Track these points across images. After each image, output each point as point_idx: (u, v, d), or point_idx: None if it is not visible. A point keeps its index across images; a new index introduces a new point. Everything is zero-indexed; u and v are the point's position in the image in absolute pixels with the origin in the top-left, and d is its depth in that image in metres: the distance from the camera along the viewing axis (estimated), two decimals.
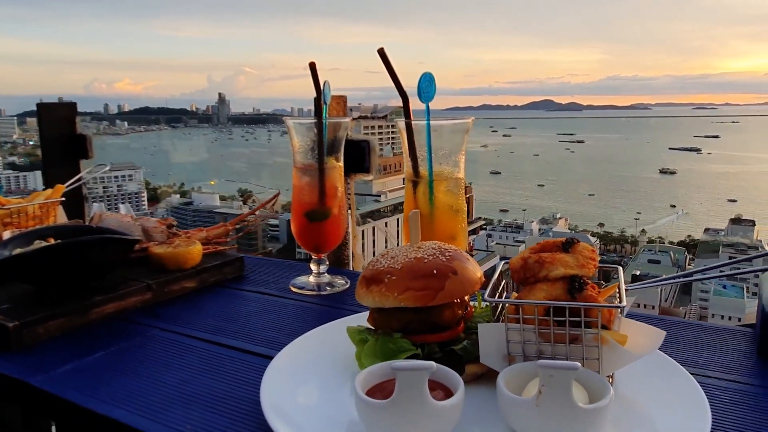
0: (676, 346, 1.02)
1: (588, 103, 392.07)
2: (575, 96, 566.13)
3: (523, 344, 0.79)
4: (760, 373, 0.92)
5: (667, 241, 66.01)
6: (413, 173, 1.17)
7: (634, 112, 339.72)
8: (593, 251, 0.85)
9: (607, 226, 74.84)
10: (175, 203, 78.88)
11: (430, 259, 0.87)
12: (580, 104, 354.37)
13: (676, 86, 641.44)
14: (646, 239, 68.87)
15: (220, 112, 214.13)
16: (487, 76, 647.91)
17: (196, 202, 76.34)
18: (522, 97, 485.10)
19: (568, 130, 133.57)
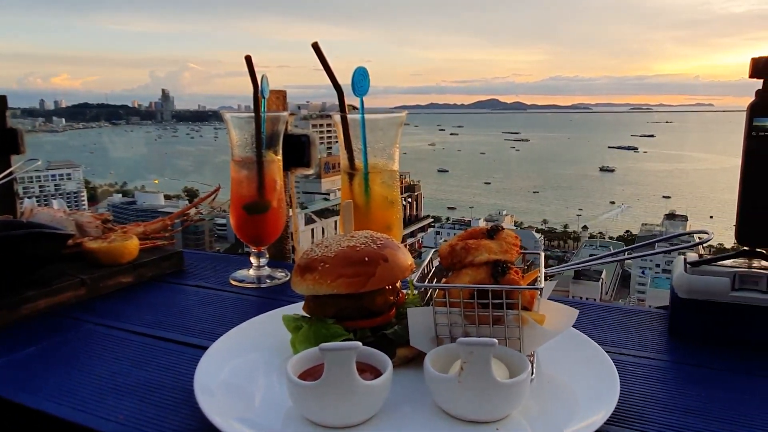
0: (600, 328, 1.09)
1: (532, 102, 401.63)
2: (520, 95, 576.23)
3: (450, 327, 0.83)
4: (670, 349, 0.99)
5: (607, 236, 68.45)
6: (349, 166, 1.19)
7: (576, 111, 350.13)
8: (516, 238, 0.89)
9: (550, 222, 77.01)
10: (116, 202, 76.27)
11: (362, 247, 0.90)
12: (524, 103, 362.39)
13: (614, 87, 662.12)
14: (587, 235, 71.23)
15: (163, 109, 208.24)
16: (435, 75, 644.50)
17: (139, 201, 74.04)
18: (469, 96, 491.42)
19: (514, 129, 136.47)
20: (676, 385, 0.87)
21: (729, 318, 0.98)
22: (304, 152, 1.63)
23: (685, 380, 0.89)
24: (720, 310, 0.98)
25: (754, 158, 0.96)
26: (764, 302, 0.95)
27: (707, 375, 0.90)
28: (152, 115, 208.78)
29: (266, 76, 1.38)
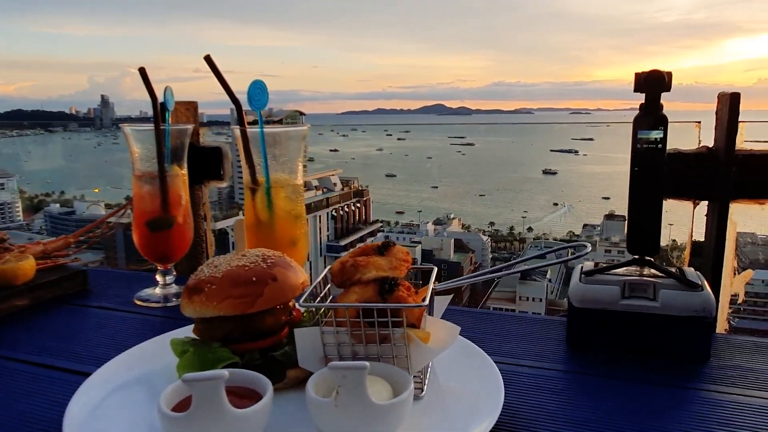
0: (501, 338, 1.10)
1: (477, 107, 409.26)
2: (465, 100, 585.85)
3: (338, 346, 0.81)
4: (566, 359, 1.01)
5: (551, 237, 70.33)
6: (251, 180, 1.16)
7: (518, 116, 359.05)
8: (407, 254, 0.89)
9: (497, 224, 78.50)
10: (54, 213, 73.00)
11: (251, 267, 0.87)
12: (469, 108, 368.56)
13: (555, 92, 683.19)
14: (532, 236, 72.97)
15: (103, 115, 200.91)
16: (382, 81, 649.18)
17: (78, 211, 71.11)
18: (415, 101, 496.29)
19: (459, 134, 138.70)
20: (569, 396, 0.89)
21: (620, 326, 1.00)
22: (217, 165, 1.59)
23: (578, 390, 0.91)
24: (612, 318, 1.00)
25: (639, 170, 0.99)
26: (652, 309, 0.98)
27: (600, 384, 0.92)
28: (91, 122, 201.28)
29: (170, 87, 1.34)
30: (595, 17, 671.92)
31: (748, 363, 0.97)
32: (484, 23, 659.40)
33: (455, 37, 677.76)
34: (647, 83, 0.96)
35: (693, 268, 1.08)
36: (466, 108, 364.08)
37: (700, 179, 1.13)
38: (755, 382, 0.90)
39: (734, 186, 1.10)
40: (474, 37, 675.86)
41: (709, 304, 0.95)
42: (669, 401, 0.86)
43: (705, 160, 1.12)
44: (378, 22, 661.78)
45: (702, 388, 0.89)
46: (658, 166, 0.98)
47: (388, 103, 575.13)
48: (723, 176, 1.09)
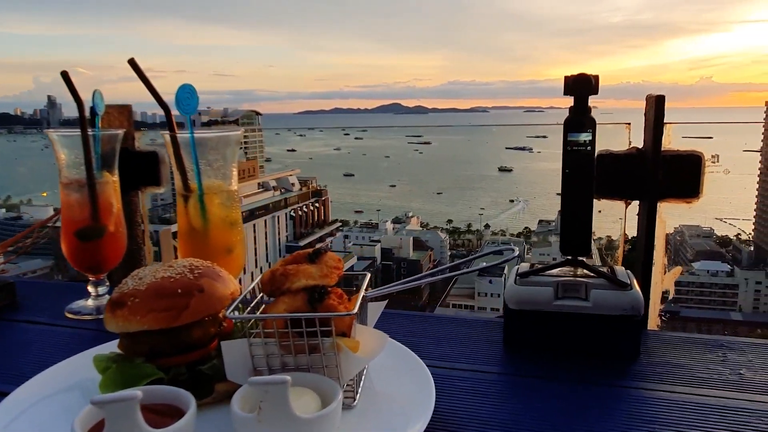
0: (438, 341, 1.09)
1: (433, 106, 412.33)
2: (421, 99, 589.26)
3: (267, 358, 0.79)
4: (502, 361, 1.02)
5: (508, 233, 71.50)
6: (183, 187, 1.13)
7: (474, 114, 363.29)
8: (339, 261, 0.88)
9: (455, 222, 79.36)
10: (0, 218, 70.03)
11: (177, 278, 0.85)
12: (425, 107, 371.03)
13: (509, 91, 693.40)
14: (489, 232, 74.05)
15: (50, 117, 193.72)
16: (338, 80, 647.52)
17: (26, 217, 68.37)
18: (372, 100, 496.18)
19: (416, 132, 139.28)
20: (501, 398, 0.89)
21: (554, 326, 1.01)
22: (154, 170, 1.54)
23: (511, 392, 0.91)
24: (546, 319, 1.01)
25: (570, 172, 1.00)
26: (584, 309, 0.99)
27: (533, 385, 0.93)
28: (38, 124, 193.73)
29: (99, 91, 1.29)
30: (545, 17, 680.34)
31: (676, 359, 0.99)
32: (437, 22, 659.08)
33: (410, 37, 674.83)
34: (575, 86, 0.98)
35: (624, 267, 1.10)
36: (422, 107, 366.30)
37: (630, 179, 1.16)
38: (682, 378, 0.93)
39: (662, 186, 1.13)
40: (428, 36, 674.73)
41: (637, 303, 0.97)
42: (598, 400, 0.87)
43: (634, 160, 1.15)
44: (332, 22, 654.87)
45: (631, 385, 0.91)
46: (587, 167, 1.00)
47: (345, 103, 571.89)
48: (650, 177, 1.12)
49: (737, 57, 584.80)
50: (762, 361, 0.97)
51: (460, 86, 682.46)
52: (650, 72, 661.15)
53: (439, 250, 62.98)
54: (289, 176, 59.85)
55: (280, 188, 56.43)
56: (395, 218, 73.54)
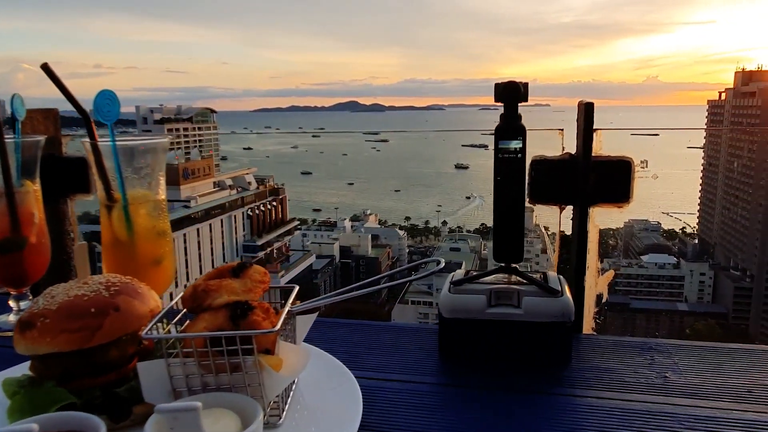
0: (371, 351, 1.08)
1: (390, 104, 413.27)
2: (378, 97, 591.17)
3: (186, 378, 0.76)
4: (437, 371, 1.01)
5: (465, 229, 72.33)
6: (106, 197, 1.08)
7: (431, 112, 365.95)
8: (265, 274, 0.85)
9: (413, 219, 79.81)
10: None
11: (91, 296, 0.80)
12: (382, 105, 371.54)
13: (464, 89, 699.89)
14: (447, 229, 74.76)
15: None
16: (295, 78, 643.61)
17: None
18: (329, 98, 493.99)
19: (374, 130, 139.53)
20: (433, 410, 0.88)
21: (488, 334, 1.01)
22: (83, 177, 1.47)
23: (443, 403, 0.91)
24: (479, 327, 1.01)
25: (501, 179, 1.00)
26: (516, 317, 0.99)
27: (465, 395, 0.92)
28: None
29: (19, 95, 1.22)
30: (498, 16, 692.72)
31: (606, 363, 1.00)
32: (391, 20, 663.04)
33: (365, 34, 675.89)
34: (505, 94, 0.97)
35: (556, 273, 1.11)
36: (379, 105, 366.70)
37: (563, 185, 1.17)
38: (610, 383, 0.94)
39: (593, 191, 1.15)
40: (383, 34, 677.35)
41: (567, 310, 0.98)
42: (528, 408, 0.87)
43: (567, 166, 1.16)
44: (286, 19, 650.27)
45: (561, 392, 0.92)
46: (518, 175, 1.00)
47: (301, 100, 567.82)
48: (582, 182, 1.13)
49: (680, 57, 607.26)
50: (686, 363, 0.99)
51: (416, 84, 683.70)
52: (599, 71, 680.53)
53: (398, 246, 63.25)
54: (245, 175, 58.97)
55: (237, 187, 55.57)
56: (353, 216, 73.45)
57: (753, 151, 41.45)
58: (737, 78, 47.59)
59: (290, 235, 61.20)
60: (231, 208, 52.48)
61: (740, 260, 42.85)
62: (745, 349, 1.04)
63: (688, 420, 0.82)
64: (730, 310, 40.38)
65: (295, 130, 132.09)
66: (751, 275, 41.27)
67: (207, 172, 53.05)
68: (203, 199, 49.86)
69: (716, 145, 48.21)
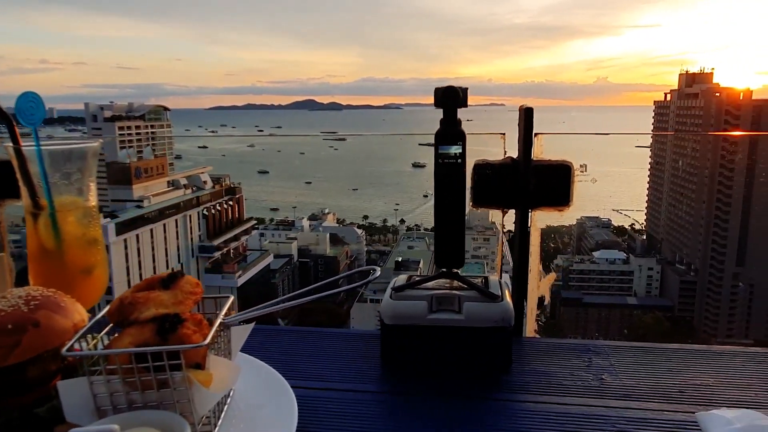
0: (312, 359, 1.06)
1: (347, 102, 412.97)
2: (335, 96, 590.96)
3: (111, 396, 0.73)
4: (379, 379, 1.00)
5: (422, 227, 72.81)
6: (32, 204, 1.03)
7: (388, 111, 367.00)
8: (197, 285, 0.82)
9: (371, 218, 79.89)
10: None
11: (8, 311, 0.76)
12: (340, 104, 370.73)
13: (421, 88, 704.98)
14: (405, 227, 75.11)
15: None
16: (250, 76, 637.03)
17: None
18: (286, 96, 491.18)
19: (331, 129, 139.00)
20: (373, 419, 0.87)
21: (429, 341, 1.01)
22: (13, 181, 1.40)
23: (386, 412, 0.90)
24: (421, 333, 1.00)
25: (442, 184, 1.00)
26: (457, 322, 0.99)
27: (406, 404, 0.92)
28: None
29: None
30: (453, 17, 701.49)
31: (545, 366, 1.02)
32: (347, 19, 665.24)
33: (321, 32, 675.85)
34: (444, 99, 0.97)
35: (499, 276, 1.12)
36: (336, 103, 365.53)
37: (505, 189, 1.18)
38: (548, 386, 0.95)
39: (534, 195, 1.16)
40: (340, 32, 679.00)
41: (507, 315, 0.98)
42: (468, 414, 0.87)
43: (508, 170, 1.17)
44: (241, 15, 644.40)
45: (500, 397, 0.92)
46: (459, 180, 1.00)
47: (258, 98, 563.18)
48: (522, 186, 1.14)
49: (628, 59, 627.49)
50: (622, 365, 1.01)
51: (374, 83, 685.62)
52: (552, 72, 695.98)
53: (356, 245, 63.15)
54: (200, 174, 57.80)
55: (192, 186, 54.39)
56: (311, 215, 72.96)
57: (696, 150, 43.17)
58: (681, 80, 49.45)
59: (247, 234, 60.33)
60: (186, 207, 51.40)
61: (685, 255, 44.57)
62: (679, 348, 1.07)
63: (619, 422, 0.83)
64: (676, 303, 41.98)
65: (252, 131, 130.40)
66: (695, 269, 43.00)
67: (160, 171, 51.78)
68: (157, 199, 48.67)
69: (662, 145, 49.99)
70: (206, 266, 49.01)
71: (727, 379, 0.95)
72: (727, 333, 38.84)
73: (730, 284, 39.87)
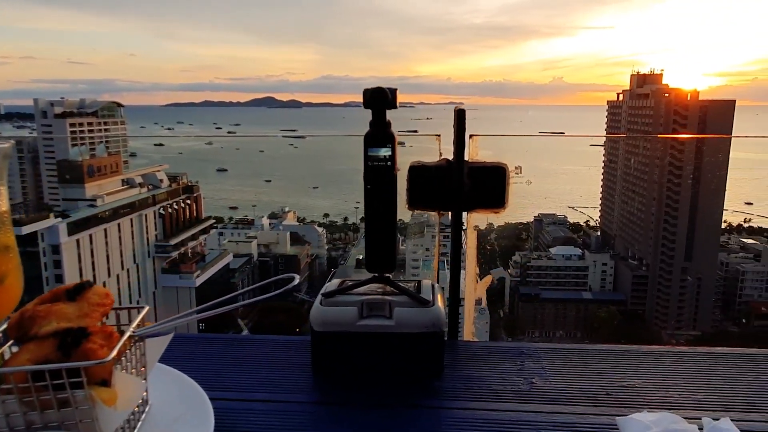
0: (239, 368, 1.02)
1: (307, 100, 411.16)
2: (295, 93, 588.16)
3: (6, 417, 0.68)
4: (308, 388, 0.97)
5: None
6: None
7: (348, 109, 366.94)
8: (106, 296, 0.78)
9: (331, 216, 79.61)
10: None
11: None
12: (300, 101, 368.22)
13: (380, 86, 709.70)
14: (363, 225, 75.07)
15: None
16: (207, 72, 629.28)
17: None
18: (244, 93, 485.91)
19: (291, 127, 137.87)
20: (302, 431, 0.85)
21: (360, 348, 0.99)
22: None
23: (314, 423, 0.87)
24: (352, 340, 0.98)
25: (372, 187, 0.98)
26: (388, 329, 0.97)
27: (337, 413, 0.89)
28: None
29: None
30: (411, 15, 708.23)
31: (478, 371, 1.01)
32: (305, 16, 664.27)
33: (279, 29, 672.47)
34: (372, 100, 0.95)
35: (437, 279, 1.11)
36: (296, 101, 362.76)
37: (440, 191, 1.17)
38: (479, 392, 0.94)
39: (469, 197, 1.15)
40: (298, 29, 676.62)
41: (438, 320, 0.97)
42: (399, 422, 0.86)
43: (443, 172, 1.16)
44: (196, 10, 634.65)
45: (431, 404, 0.91)
46: (389, 183, 0.98)
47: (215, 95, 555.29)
48: (456, 188, 1.13)
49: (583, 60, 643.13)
50: (553, 368, 1.01)
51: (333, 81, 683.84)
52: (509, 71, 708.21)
53: (317, 244, 62.79)
54: (156, 172, 56.40)
55: (147, 185, 53.04)
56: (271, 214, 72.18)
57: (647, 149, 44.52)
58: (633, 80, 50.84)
59: (206, 233, 59.25)
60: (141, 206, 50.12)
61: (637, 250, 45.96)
62: (609, 349, 1.07)
63: (546, 427, 0.83)
64: (629, 296, 43.26)
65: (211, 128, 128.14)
66: (646, 264, 44.39)
67: (114, 170, 50.32)
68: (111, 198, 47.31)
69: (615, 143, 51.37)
70: (163, 266, 47.92)
71: (653, 380, 0.96)
72: (676, 325, 40.23)
73: (679, 278, 41.33)
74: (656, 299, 41.83)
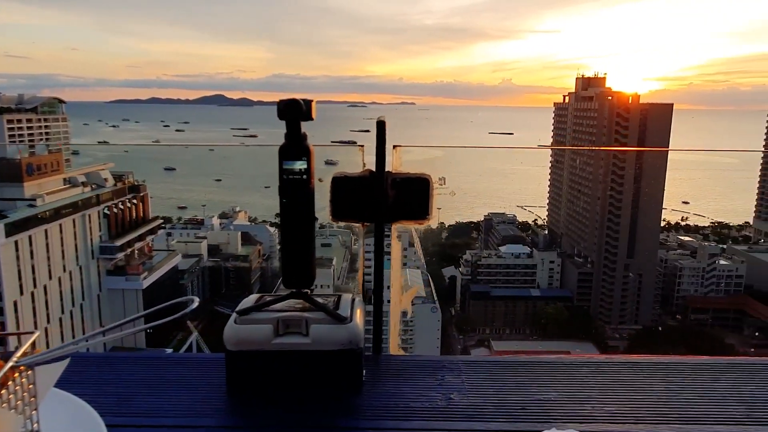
0: (148, 390, 0.97)
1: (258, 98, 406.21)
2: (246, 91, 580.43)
3: None
4: (222, 411, 0.93)
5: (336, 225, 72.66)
6: None
7: None
8: None
9: None
10: None
11: None
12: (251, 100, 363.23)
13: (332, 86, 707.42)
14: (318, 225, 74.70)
15: None
16: (155, 68, 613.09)
17: None
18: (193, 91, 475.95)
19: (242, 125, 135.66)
20: None
21: (276, 367, 0.96)
22: None
23: None
24: (267, 359, 0.95)
25: (288, 201, 0.95)
26: (304, 346, 0.95)
27: None
28: None
29: None
30: (363, 15, 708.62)
31: (397, 387, 0.99)
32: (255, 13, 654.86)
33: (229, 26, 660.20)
34: (287, 112, 0.92)
35: (361, 292, 1.09)
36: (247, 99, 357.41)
37: (363, 202, 1.15)
38: (395, 410, 0.92)
39: (392, 208, 1.14)
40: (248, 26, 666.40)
41: (355, 337, 0.95)
42: None
43: (367, 183, 1.14)
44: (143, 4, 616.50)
45: (345, 425, 0.89)
46: (305, 197, 0.95)
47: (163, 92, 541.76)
48: (378, 199, 1.11)
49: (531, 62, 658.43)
50: (472, 381, 1.00)
51: (284, 79, 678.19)
52: (460, 72, 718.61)
53: (269, 244, 61.99)
54: (101, 171, 54.44)
55: (91, 184, 51.11)
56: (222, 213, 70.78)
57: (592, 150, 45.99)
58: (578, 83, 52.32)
59: (153, 234, 57.61)
60: (85, 206, 48.30)
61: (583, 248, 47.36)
62: (528, 361, 1.08)
63: None
64: (575, 293, 44.55)
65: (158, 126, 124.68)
66: (591, 261, 45.80)
67: (56, 168, 48.30)
68: (51, 197, 45.40)
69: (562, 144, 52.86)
70: (108, 268, 46.36)
71: (568, 391, 0.97)
72: (619, 320, 41.66)
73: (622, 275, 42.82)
74: (600, 295, 43.22)
